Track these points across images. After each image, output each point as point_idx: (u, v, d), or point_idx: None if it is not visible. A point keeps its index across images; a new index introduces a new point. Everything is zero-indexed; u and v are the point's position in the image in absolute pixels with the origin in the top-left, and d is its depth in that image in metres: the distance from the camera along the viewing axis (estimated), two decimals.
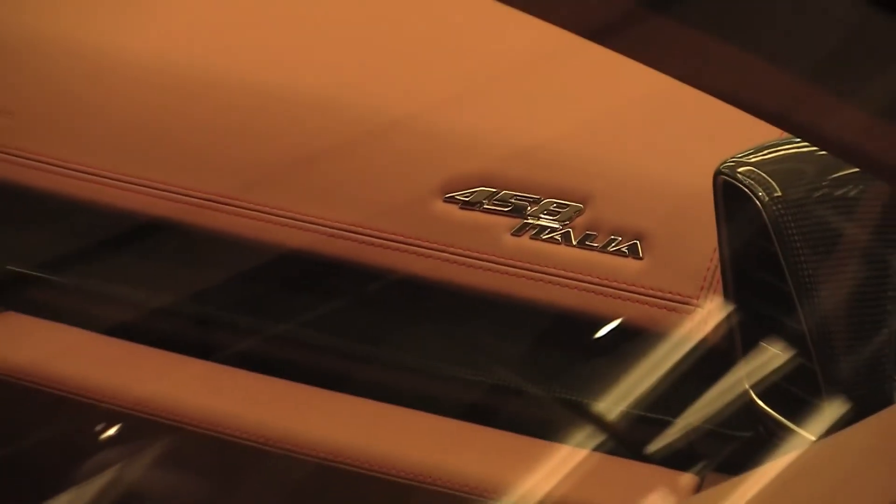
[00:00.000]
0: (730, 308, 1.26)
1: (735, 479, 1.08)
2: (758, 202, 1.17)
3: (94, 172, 1.51)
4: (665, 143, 1.38)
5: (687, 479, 1.28)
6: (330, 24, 1.56)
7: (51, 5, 1.63)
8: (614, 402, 1.34)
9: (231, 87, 1.53)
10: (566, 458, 1.31)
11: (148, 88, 1.55)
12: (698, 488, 1.27)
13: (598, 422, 1.34)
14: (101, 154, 1.52)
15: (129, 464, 1.46)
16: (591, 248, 1.37)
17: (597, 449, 1.33)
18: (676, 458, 1.30)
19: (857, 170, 1.17)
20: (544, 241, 1.38)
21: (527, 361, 1.40)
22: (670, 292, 1.34)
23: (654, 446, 1.31)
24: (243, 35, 1.59)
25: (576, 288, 1.37)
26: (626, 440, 1.33)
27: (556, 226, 1.38)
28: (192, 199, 1.48)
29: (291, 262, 1.46)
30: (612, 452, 1.33)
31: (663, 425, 1.32)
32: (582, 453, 1.32)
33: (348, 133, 1.48)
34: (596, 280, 1.37)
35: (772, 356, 1.23)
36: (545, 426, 1.35)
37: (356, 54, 1.54)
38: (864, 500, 1.03)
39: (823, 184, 1.18)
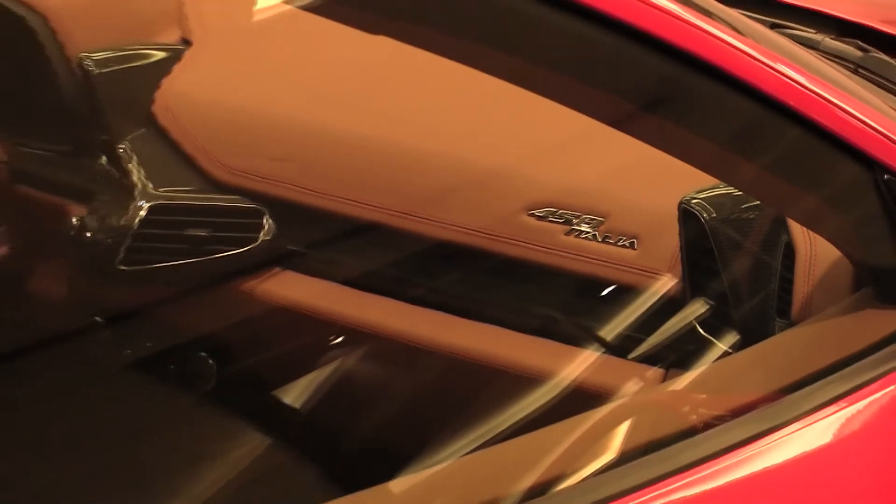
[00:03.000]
0: (684, 277, 1.26)
1: (685, 374, 1.16)
2: (702, 219, 1.18)
3: (341, 196, 1.50)
4: (651, 185, 1.36)
5: (655, 371, 1.26)
6: (464, 117, 1.53)
7: (324, 105, 1.61)
8: (613, 327, 1.33)
9: (418, 155, 1.50)
10: (584, 357, 1.32)
11: (373, 153, 1.53)
12: (664, 378, 1.26)
13: (603, 338, 1.33)
14: (344, 185, 1.51)
15: (349, 357, 1.48)
16: (609, 243, 1.36)
17: (602, 353, 1.33)
18: (650, 360, 1.29)
19: (757, 202, 1.17)
20: (582, 238, 1.37)
21: (567, 304, 1.39)
22: (650, 268, 1.33)
23: (636, 353, 1.30)
24: (422, 125, 1.55)
25: (598, 265, 1.36)
26: (619, 349, 1.32)
27: (589, 230, 1.37)
28: (394, 212, 1.47)
29: (443, 247, 1.45)
30: (610, 355, 1.32)
31: (641, 340, 1.31)
32: (593, 355, 1.32)
33: (475, 175, 1.47)
34: (609, 261, 1.36)
35: (706, 304, 1.22)
36: (573, 339, 1.35)
37: (483, 133, 1.52)
38: (753, 387, 1.02)
39: (738, 209, 1.18)
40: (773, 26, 1.26)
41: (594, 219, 1.36)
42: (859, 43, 1.42)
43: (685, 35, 0.92)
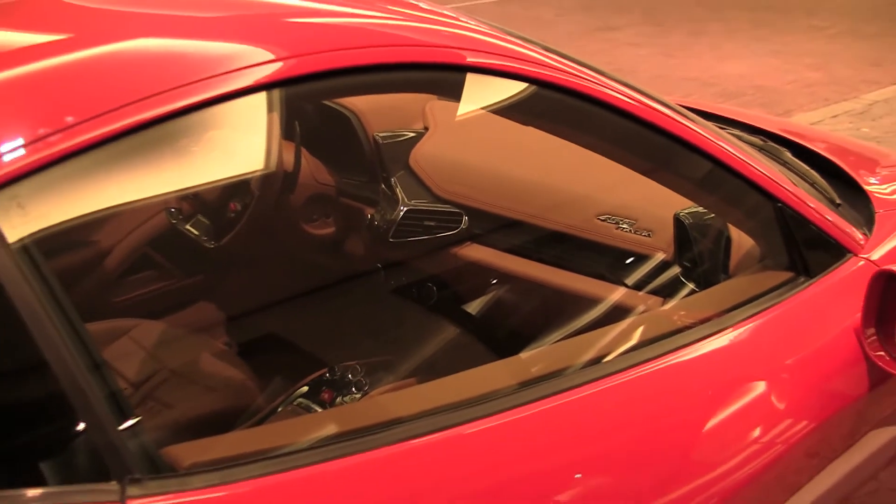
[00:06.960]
0: (675, 252, 1.23)
1: (673, 301, 1.15)
2: (685, 223, 1.18)
3: (501, 206, 1.49)
4: (660, 204, 1.29)
5: (657, 299, 1.22)
6: (566, 166, 1.48)
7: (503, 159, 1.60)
8: (636, 275, 1.31)
9: (541, 185, 1.50)
10: (620, 291, 1.29)
11: (519, 183, 1.51)
12: (662, 303, 1.21)
13: (626, 282, 1.31)
14: (504, 200, 1.50)
15: (502, 288, 1.47)
16: (637, 234, 1.36)
17: (629, 288, 1.29)
18: (654, 293, 1.24)
19: (713, 214, 1.16)
20: (624, 231, 1.37)
21: (613, 264, 1.35)
22: (658, 247, 1.32)
23: (647, 289, 1.27)
24: (544, 170, 1.52)
25: (631, 245, 1.35)
26: (638, 287, 1.29)
27: (628, 227, 1.37)
28: (528, 214, 1.47)
29: (552, 233, 1.44)
30: (633, 290, 1.29)
31: (650, 283, 1.28)
32: (622, 290, 1.29)
33: (570, 197, 1.47)
34: (637, 243, 1.35)
35: (685, 265, 1.21)
36: (615, 281, 1.32)
37: (576, 175, 1.49)
38: (708, 309, 1.04)
39: (704, 218, 1.17)
40: (719, 126, 1.25)
41: (631, 221, 1.36)
42: (762, 137, 1.43)
43: (675, 127, 1.01)
